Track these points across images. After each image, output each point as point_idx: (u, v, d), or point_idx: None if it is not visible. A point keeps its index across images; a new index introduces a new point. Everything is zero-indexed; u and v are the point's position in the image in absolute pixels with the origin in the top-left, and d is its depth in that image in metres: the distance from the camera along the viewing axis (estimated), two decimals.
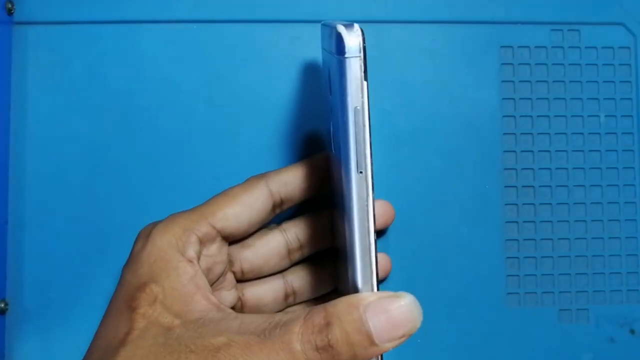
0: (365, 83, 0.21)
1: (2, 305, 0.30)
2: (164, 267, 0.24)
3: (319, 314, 0.22)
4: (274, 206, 0.28)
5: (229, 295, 0.28)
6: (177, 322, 0.23)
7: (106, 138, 0.31)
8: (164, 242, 0.24)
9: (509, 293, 0.32)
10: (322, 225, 0.29)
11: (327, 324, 0.21)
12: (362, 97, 0.21)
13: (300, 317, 0.22)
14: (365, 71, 0.21)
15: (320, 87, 0.32)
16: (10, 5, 0.31)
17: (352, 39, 0.21)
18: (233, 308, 0.28)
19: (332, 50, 0.22)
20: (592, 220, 0.33)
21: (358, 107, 0.21)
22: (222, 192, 0.27)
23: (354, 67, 0.21)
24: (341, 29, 0.21)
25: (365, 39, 0.21)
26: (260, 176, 0.28)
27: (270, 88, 0.32)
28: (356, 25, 0.21)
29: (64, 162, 0.31)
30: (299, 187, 0.28)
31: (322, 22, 0.26)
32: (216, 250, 0.26)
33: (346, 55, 0.21)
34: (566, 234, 0.33)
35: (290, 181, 0.28)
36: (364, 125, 0.21)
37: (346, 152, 0.22)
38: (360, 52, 0.21)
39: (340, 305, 0.22)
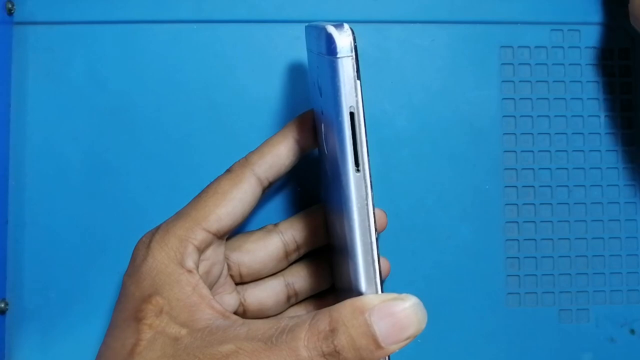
0: (358, 82, 0.21)
1: (2, 305, 0.30)
2: (166, 280, 0.24)
3: (324, 319, 0.22)
4: (263, 191, 0.27)
5: (230, 299, 0.28)
6: (184, 331, 0.23)
7: (106, 138, 0.31)
8: (163, 255, 0.24)
9: (509, 293, 0.32)
10: (318, 223, 0.29)
11: (333, 330, 0.21)
12: (357, 96, 0.21)
13: (305, 323, 0.22)
14: (357, 70, 0.21)
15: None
16: (10, 5, 0.31)
17: (343, 39, 0.21)
18: (235, 312, 0.29)
19: (322, 51, 0.22)
20: (593, 220, 0.33)
21: (353, 107, 0.21)
22: (211, 187, 0.26)
23: (346, 67, 0.21)
24: (331, 29, 0.21)
25: (356, 38, 0.21)
26: (245, 163, 0.27)
27: (270, 88, 0.32)
28: (346, 25, 0.21)
29: (64, 162, 0.31)
30: (283, 165, 0.27)
31: (306, 24, 0.26)
32: (213, 252, 0.26)
33: (338, 56, 0.21)
34: (566, 234, 0.33)
35: (275, 162, 0.27)
36: (359, 125, 0.21)
37: (343, 152, 0.22)
38: (351, 51, 0.21)
39: (345, 310, 0.22)
